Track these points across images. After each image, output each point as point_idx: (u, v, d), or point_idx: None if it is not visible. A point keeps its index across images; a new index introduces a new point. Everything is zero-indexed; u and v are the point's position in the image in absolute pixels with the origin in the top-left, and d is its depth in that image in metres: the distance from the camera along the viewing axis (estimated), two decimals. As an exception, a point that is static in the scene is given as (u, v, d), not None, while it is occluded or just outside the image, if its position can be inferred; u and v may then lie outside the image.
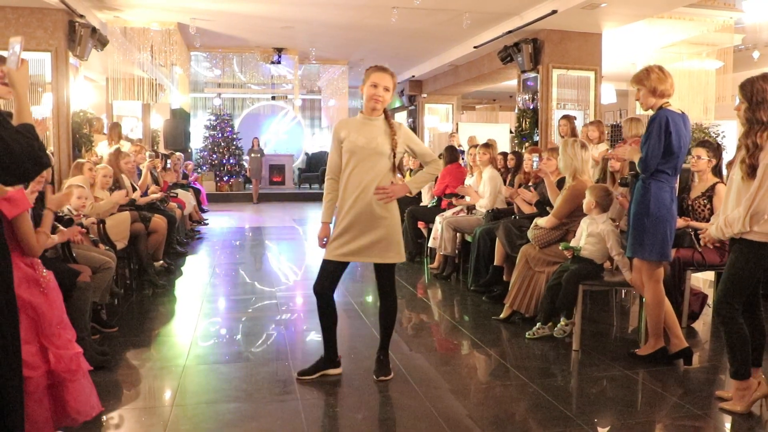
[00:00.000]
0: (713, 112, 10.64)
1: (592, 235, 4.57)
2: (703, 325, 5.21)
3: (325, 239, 3.88)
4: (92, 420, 3.09)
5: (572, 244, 4.68)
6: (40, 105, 7.89)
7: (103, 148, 8.59)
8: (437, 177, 8.08)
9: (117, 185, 6.70)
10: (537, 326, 4.79)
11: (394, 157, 3.80)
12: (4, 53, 2.67)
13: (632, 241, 4.08)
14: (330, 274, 3.84)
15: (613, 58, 11.13)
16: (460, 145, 11.31)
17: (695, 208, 5.00)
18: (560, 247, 4.73)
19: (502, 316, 5.23)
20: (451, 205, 7.52)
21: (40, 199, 3.84)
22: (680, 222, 4.81)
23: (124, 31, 10.23)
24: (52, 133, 8.01)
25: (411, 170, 8.48)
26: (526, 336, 4.78)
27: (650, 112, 4.06)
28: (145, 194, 7.46)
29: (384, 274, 3.91)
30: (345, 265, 3.86)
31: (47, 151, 2.85)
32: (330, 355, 3.98)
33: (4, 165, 2.28)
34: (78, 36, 8.20)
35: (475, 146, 7.62)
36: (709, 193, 4.94)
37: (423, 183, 4.37)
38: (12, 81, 2.56)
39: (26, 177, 2.41)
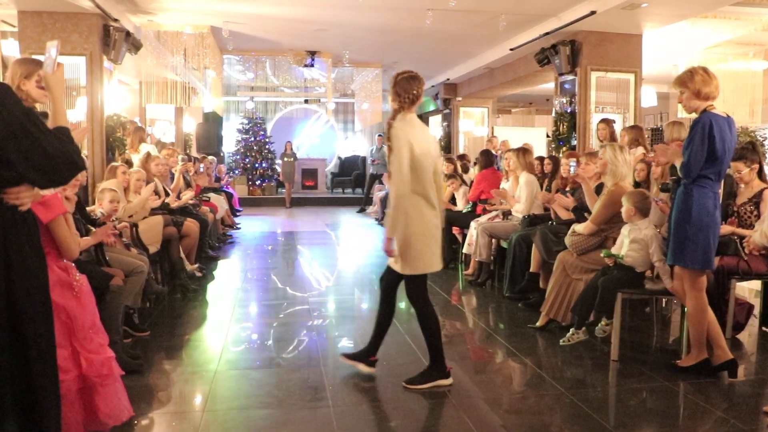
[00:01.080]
0: (760, 114, 10.23)
1: (635, 241, 4.43)
2: (748, 336, 5.02)
3: None
4: (123, 424, 3.10)
5: (613, 251, 4.54)
6: (74, 108, 7.97)
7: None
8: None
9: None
10: (571, 332, 4.66)
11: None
12: (41, 57, 2.68)
13: (673, 249, 3.95)
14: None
15: (654, 59, 10.85)
16: (497, 150, 11.10)
17: (741, 215, 4.82)
18: (601, 255, 4.59)
19: (538, 324, 5.12)
20: (485, 211, 7.41)
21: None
22: (726, 228, 4.65)
23: (158, 34, 10.32)
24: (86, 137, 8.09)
25: (446, 175, 8.28)
26: (561, 342, 4.66)
27: (693, 116, 3.92)
28: (177, 198, 7.49)
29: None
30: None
31: (82, 155, 2.85)
32: (437, 364, 3.93)
33: (39, 168, 2.27)
34: (112, 40, 8.27)
35: (510, 150, 7.49)
36: (757, 199, 4.75)
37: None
38: (48, 84, 2.57)
39: (61, 180, 2.40)
